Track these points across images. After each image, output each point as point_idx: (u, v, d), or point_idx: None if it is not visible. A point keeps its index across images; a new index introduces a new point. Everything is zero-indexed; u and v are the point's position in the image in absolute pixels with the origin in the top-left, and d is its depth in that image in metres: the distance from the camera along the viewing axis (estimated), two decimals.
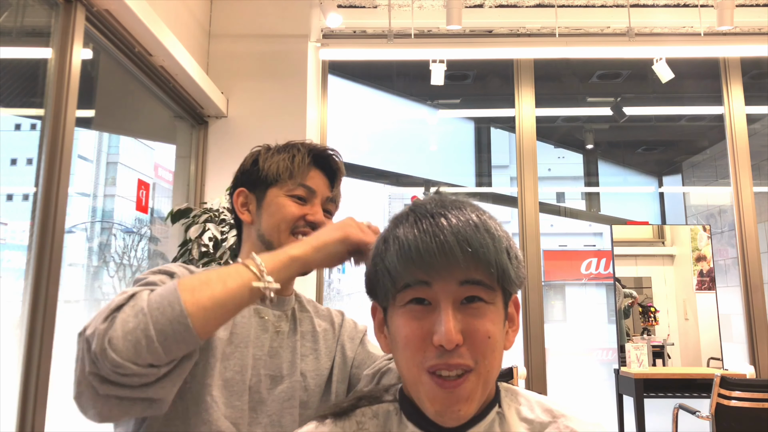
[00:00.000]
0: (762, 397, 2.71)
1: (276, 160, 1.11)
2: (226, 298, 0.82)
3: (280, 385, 1.03)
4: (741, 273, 3.77)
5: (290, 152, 1.12)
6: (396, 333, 0.72)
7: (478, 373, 0.69)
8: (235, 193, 1.14)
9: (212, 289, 0.82)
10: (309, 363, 1.08)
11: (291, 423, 1.01)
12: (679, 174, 5.66)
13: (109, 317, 0.79)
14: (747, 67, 4.07)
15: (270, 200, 1.10)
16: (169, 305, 0.79)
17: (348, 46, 3.90)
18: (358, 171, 4.96)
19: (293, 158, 1.11)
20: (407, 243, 0.69)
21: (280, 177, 1.10)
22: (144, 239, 3.24)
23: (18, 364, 1.96)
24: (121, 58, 2.64)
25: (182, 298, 0.79)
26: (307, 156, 1.12)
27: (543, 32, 3.94)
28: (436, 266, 0.68)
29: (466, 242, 0.68)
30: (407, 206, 0.76)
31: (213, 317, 0.81)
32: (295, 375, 1.05)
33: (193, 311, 0.79)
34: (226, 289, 0.82)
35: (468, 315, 0.69)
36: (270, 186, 1.11)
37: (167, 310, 0.78)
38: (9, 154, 2.22)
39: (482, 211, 0.74)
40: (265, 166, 1.11)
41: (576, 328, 5.62)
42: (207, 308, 0.80)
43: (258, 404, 1.00)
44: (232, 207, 1.16)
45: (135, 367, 0.76)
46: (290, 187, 1.10)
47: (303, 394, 1.05)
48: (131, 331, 0.77)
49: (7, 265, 2.13)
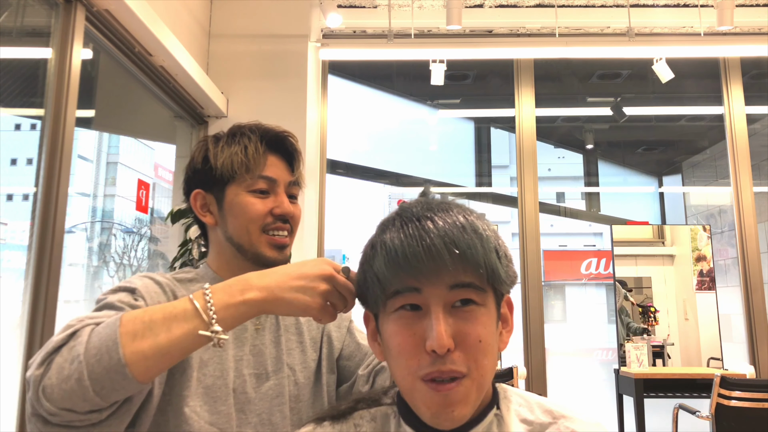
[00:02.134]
0: (762, 397, 2.71)
1: (228, 154, 1.02)
2: (170, 347, 0.75)
3: (267, 382, 1.00)
4: (741, 273, 3.77)
5: (241, 143, 1.03)
6: (388, 341, 0.72)
7: (472, 378, 0.69)
8: (192, 196, 1.07)
9: (155, 336, 0.74)
10: (295, 356, 1.05)
11: (282, 419, 0.99)
12: (679, 174, 5.66)
13: (46, 361, 0.73)
14: (747, 67, 4.07)
15: (231, 200, 1.03)
16: (107, 353, 0.72)
17: (348, 46, 3.90)
18: (358, 171, 4.96)
19: (246, 149, 1.02)
20: (394, 248, 0.69)
21: (237, 173, 1.02)
22: (144, 239, 3.24)
23: (18, 364, 1.96)
24: (121, 58, 2.64)
25: (122, 344, 0.72)
26: (260, 144, 1.04)
27: (543, 32, 3.94)
28: (425, 271, 0.67)
29: (453, 244, 0.67)
30: (393, 211, 0.75)
31: (155, 365, 0.75)
32: (282, 371, 1.02)
33: (133, 360, 0.73)
34: (170, 337, 0.75)
35: (459, 319, 0.69)
36: (227, 184, 1.03)
37: (104, 359, 0.72)
38: (9, 154, 2.22)
39: (469, 211, 0.73)
40: (218, 164, 1.03)
41: (576, 328, 5.62)
42: (148, 357, 0.74)
43: (245, 405, 0.97)
44: (190, 210, 1.08)
45: (73, 414, 0.72)
46: (249, 182, 1.02)
47: (293, 388, 1.02)
48: (65, 379, 0.71)
49: (7, 265, 2.13)
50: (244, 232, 1.02)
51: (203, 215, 1.06)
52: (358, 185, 5.08)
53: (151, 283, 0.95)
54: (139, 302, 0.90)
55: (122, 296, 0.90)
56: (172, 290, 0.98)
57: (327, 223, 3.86)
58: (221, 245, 1.06)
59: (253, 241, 1.02)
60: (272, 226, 1.03)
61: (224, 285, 0.81)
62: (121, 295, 0.91)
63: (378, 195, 5.72)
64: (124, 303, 0.88)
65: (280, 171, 1.05)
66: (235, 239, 1.03)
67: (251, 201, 1.02)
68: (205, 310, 0.77)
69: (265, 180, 1.03)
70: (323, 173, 3.88)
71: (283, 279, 0.82)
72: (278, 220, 1.03)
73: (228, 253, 1.05)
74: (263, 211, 1.02)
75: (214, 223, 1.05)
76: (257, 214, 1.02)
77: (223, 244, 1.05)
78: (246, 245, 1.02)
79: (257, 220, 1.02)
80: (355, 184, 5.00)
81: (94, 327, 0.76)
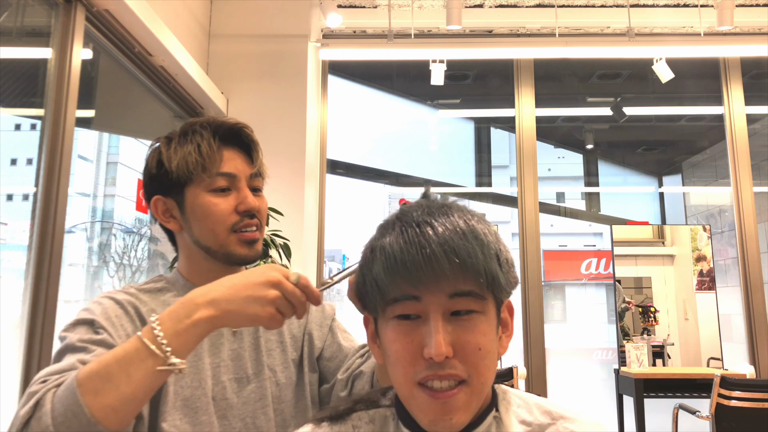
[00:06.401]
0: (762, 397, 2.71)
1: (181, 155, 0.98)
2: (135, 392, 0.74)
3: (248, 385, 0.98)
4: (741, 273, 3.77)
5: (193, 141, 0.99)
6: (387, 347, 0.72)
7: (471, 385, 0.68)
8: (152, 202, 1.02)
9: (116, 386, 0.73)
10: (276, 356, 1.03)
11: (266, 422, 0.98)
12: (679, 174, 5.66)
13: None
14: (747, 67, 4.07)
15: (192, 202, 0.99)
16: (74, 417, 0.72)
17: (348, 46, 3.90)
18: (358, 171, 4.96)
19: (199, 148, 0.98)
20: (393, 255, 0.68)
21: (193, 173, 0.98)
22: (144, 239, 3.24)
23: (18, 364, 1.96)
24: (121, 58, 2.64)
25: (86, 404, 0.72)
26: (213, 140, 0.99)
27: (543, 32, 3.94)
28: (424, 279, 0.67)
29: (453, 253, 0.66)
30: (394, 213, 0.75)
31: (125, 412, 0.75)
32: (263, 372, 1.00)
33: (102, 416, 0.72)
34: (130, 383, 0.74)
35: (458, 327, 0.68)
36: (185, 186, 0.99)
37: (74, 424, 0.72)
38: (9, 154, 2.22)
39: (470, 215, 0.72)
40: (173, 166, 0.98)
41: (576, 329, 5.62)
42: (116, 408, 0.73)
43: (227, 411, 0.95)
44: (153, 217, 1.04)
45: None
46: (207, 181, 0.98)
47: (275, 389, 1.01)
48: None
49: (7, 265, 2.13)
50: (210, 234, 0.98)
51: (166, 221, 1.02)
52: (358, 185, 5.08)
53: (111, 305, 0.93)
54: (100, 334, 0.88)
55: (82, 333, 0.88)
56: (135, 306, 0.95)
57: (327, 223, 3.86)
58: (190, 249, 1.02)
59: (222, 242, 0.99)
60: (240, 225, 0.99)
61: (170, 312, 0.78)
62: (81, 330, 0.88)
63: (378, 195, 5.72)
64: (85, 341, 0.86)
65: (238, 164, 1.01)
66: (203, 242, 0.99)
67: (213, 201, 0.98)
68: (158, 345, 0.75)
69: (224, 177, 0.99)
70: (323, 173, 3.88)
71: (229, 291, 0.79)
72: (245, 216, 1.00)
73: (198, 257, 1.02)
74: (227, 210, 0.98)
75: (179, 229, 1.02)
76: (221, 215, 0.98)
77: (191, 248, 1.02)
78: (214, 247, 0.99)
79: (223, 220, 0.98)
80: (355, 184, 5.00)
81: (55, 391, 0.75)
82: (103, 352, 0.82)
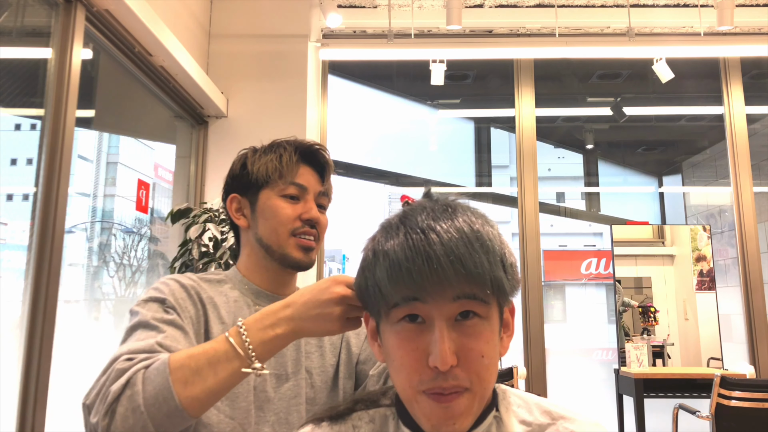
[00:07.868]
0: (762, 397, 2.71)
1: (264, 161, 1.11)
2: (219, 387, 0.85)
3: (286, 383, 1.05)
4: (741, 273, 3.77)
5: (277, 152, 1.12)
6: (390, 351, 0.71)
7: (474, 392, 0.68)
8: (228, 200, 1.15)
9: (204, 380, 0.83)
10: (314, 360, 1.09)
11: (298, 420, 1.03)
12: (679, 174, 5.66)
13: (109, 411, 0.82)
14: (747, 67, 4.06)
15: (263, 203, 1.10)
16: (164, 402, 0.81)
17: (348, 46, 3.90)
18: (358, 171, 4.96)
19: (281, 158, 1.11)
20: (397, 261, 0.67)
21: (270, 178, 1.10)
22: (144, 239, 3.24)
23: (18, 364, 1.96)
24: (121, 58, 2.64)
25: (176, 392, 0.81)
26: (294, 154, 1.12)
27: (543, 32, 3.94)
28: (428, 288, 0.66)
29: (459, 262, 0.66)
30: (397, 214, 0.74)
31: (208, 404, 0.85)
32: (300, 372, 1.06)
33: (189, 404, 0.82)
34: (217, 379, 0.84)
35: (462, 334, 0.68)
36: (261, 188, 1.11)
37: (163, 407, 0.81)
38: (9, 154, 2.22)
39: (476, 216, 0.71)
40: (254, 169, 1.11)
41: (576, 328, 5.62)
42: (202, 399, 0.83)
43: (264, 403, 1.02)
44: (226, 213, 1.16)
45: None
46: (281, 187, 1.10)
47: (309, 391, 1.06)
48: (131, 428, 0.81)
49: (7, 265, 2.13)
50: (273, 233, 1.09)
51: (237, 218, 1.14)
52: (358, 185, 5.08)
53: (177, 287, 1.03)
54: (170, 314, 0.97)
55: (154, 310, 0.97)
56: (197, 292, 1.05)
57: None
58: (252, 247, 1.13)
59: (281, 243, 1.09)
60: (300, 231, 1.10)
61: (255, 321, 0.88)
62: (153, 307, 0.97)
63: (378, 195, 5.72)
64: (158, 320, 0.95)
65: (310, 180, 1.13)
66: (265, 240, 1.10)
67: (282, 205, 1.10)
68: (244, 350, 0.85)
69: (296, 186, 1.11)
70: None
71: (301, 310, 0.88)
72: (306, 224, 1.10)
73: (258, 254, 1.12)
74: (292, 215, 1.09)
75: (247, 226, 1.13)
76: (286, 218, 1.09)
77: (253, 245, 1.12)
78: (274, 246, 1.09)
79: (286, 222, 1.09)
80: (355, 184, 5.00)
81: (144, 372, 0.84)
82: (173, 332, 0.94)
